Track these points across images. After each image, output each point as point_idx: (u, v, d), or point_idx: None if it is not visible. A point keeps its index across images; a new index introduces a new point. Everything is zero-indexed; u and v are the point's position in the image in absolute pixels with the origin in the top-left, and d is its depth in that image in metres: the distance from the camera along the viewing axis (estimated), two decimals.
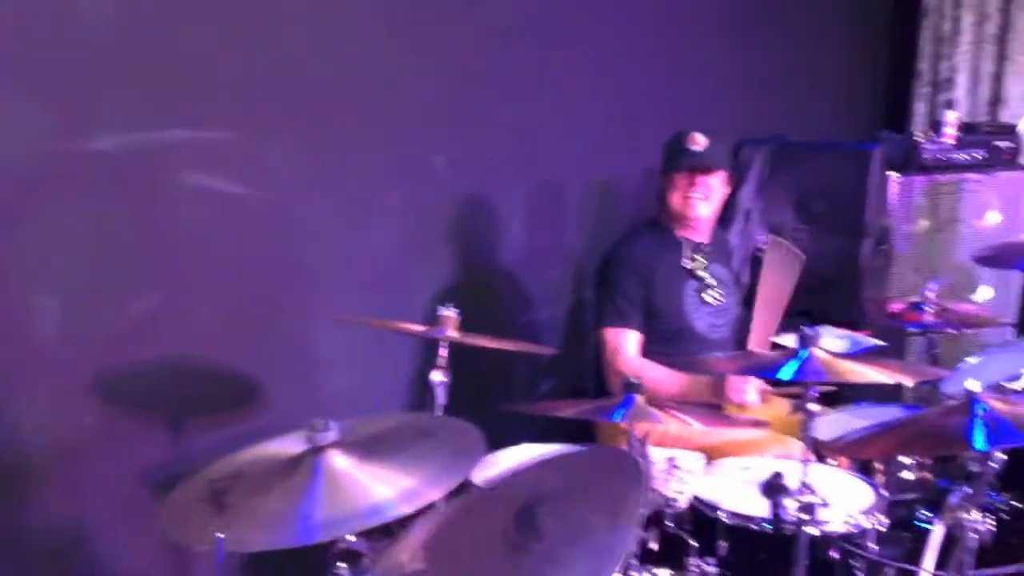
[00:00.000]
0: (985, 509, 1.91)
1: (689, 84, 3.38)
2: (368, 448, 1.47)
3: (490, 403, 2.11)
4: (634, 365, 2.46)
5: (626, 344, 2.52)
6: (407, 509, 1.32)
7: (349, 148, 2.45)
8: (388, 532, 1.42)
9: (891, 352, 2.80)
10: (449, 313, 2.14)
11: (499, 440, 2.07)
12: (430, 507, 1.35)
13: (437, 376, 2.09)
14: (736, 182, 2.84)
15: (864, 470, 2.22)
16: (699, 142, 2.52)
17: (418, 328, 2.19)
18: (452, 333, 2.11)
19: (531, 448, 2.20)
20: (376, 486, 1.37)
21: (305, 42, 2.31)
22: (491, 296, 2.95)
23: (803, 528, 1.84)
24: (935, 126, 3.59)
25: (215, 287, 2.22)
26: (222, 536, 1.26)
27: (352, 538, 1.58)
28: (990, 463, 1.88)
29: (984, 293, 3.45)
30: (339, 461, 1.43)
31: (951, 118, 3.51)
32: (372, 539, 1.56)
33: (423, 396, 2.18)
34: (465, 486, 1.65)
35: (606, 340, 2.54)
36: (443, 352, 2.10)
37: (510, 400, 2.79)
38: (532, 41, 2.89)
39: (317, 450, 1.43)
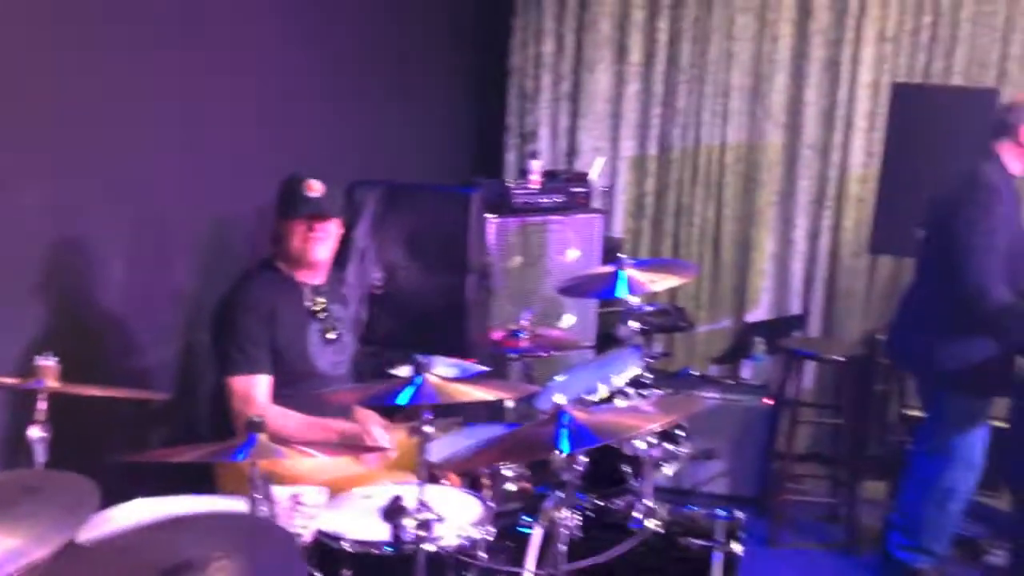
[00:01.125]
0: (574, 508, 2.19)
1: (304, 126, 3.44)
2: None
3: (99, 456, 1.98)
4: (271, 414, 2.44)
5: (257, 390, 2.50)
6: (9, 569, 1.21)
7: None
8: None
9: (495, 376, 3.07)
10: (47, 363, 1.98)
11: (113, 495, 1.95)
12: (34, 567, 1.25)
13: (35, 432, 1.92)
14: (350, 223, 2.94)
15: (473, 486, 2.41)
16: (316, 188, 2.57)
17: (10, 381, 2.00)
18: (52, 383, 1.96)
19: (147, 503, 2.10)
20: None
21: None
22: (95, 342, 2.74)
23: (421, 546, 1.97)
24: (523, 173, 4.02)
25: None
26: None
27: None
28: (575, 466, 2.15)
29: (568, 320, 3.92)
30: None
31: (535, 167, 3.95)
32: None
33: (19, 455, 1.99)
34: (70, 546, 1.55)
35: (235, 389, 2.49)
36: (42, 405, 1.93)
37: (122, 451, 2.62)
38: (126, 71, 2.75)
39: None
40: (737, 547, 2.24)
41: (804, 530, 3.91)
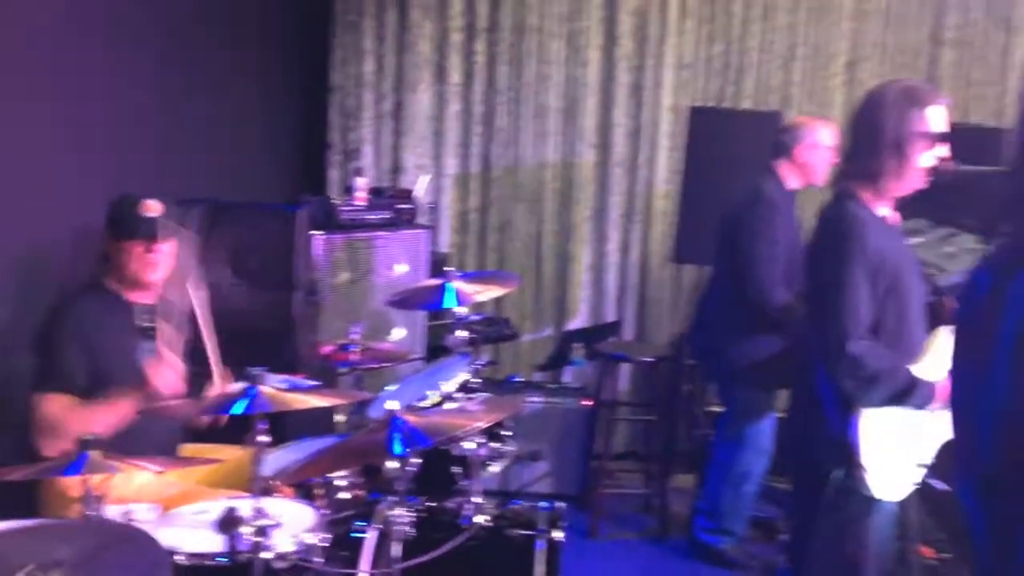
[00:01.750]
0: (407, 510, 2.30)
1: (123, 147, 3.37)
2: None
3: None
4: (68, 419, 2.38)
5: (57, 408, 2.45)
6: None
7: None
8: None
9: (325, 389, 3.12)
10: None
11: None
12: None
13: None
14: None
15: (307, 496, 2.48)
16: (153, 209, 2.55)
17: None
18: None
19: None
20: None
21: None
22: None
23: (258, 554, 2.02)
24: (348, 190, 4.09)
25: None
26: None
27: None
28: (407, 468, 2.27)
29: (398, 333, 4.02)
30: None
31: (361, 183, 4.03)
32: None
33: None
34: None
35: (42, 405, 2.44)
36: None
37: None
38: None
39: None
40: (558, 534, 2.41)
41: (621, 521, 4.19)
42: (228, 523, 2.05)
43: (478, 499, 2.49)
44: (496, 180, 5.05)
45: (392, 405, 2.19)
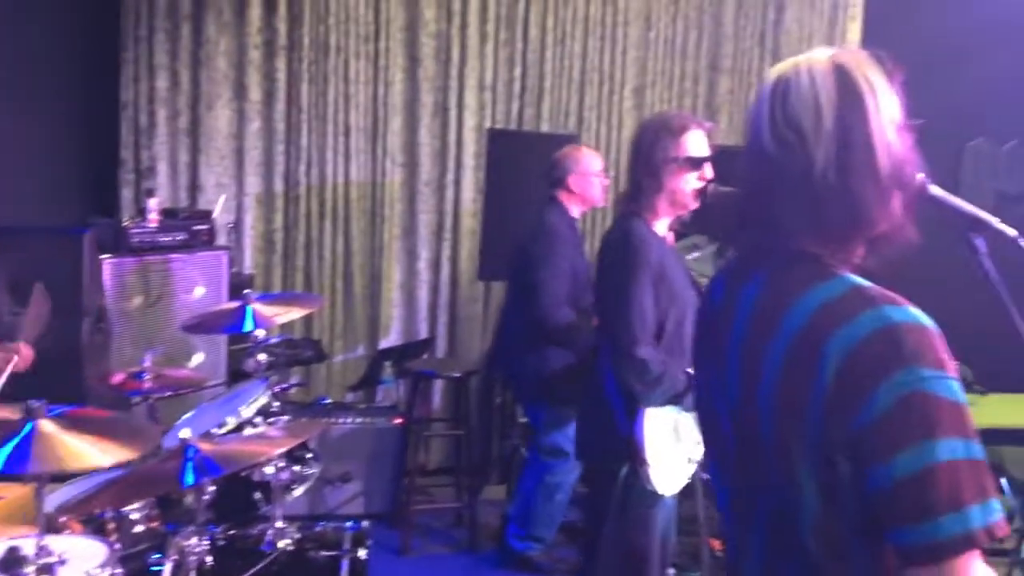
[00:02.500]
0: (205, 539, 2.24)
1: None
2: None
3: None
4: None
5: None
6: None
7: None
8: None
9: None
10: None
11: None
12: None
13: None
14: None
15: (98, 531, 2.36)
16: None
17: None
18: None
19: None
20: None
21: None
22: None
23: None
24: (141, 212, 3.92)
25: None
26: None
27: None
28: (203, 497, 2.22)
29: (197, 359, 3.88)
30: None
31: (153, 204, 3.87)
32: None
33: None
34: None
35: None
36: None
37: None
38: None
39: None
40: (363, 553, 2.43)
41: (433, 536, 4.23)
42: (9, 563, 1.93)
43: (280, 524, 2.46)
44: (301, 199, 4.98)
45: (185, 434, 2.13)
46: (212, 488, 2.22)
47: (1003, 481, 3.90)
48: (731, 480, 1.40)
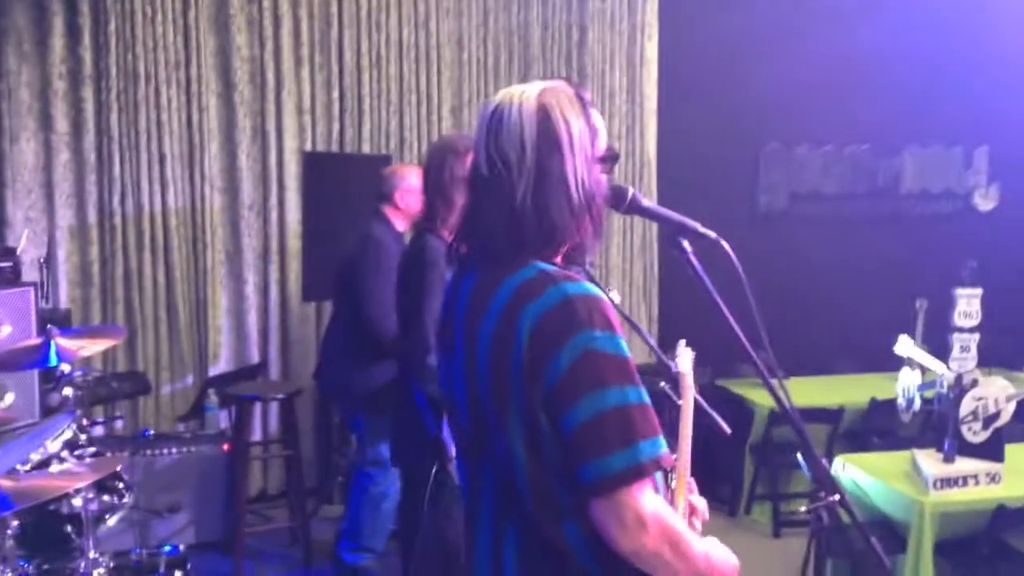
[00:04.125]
0: (18, 575, 2.23)
1: None
2: None
3: None
4: None
5: None
6: None
7: None
8: None
9: None
10: None
11: None
12: None
13: None
14: None
15: None
16: None
17: None
18: None
19: None
20: None
21: None
22: None
23: None
24: None
25: None
26: None
27: None
28: (6, 532, 2.21)
29: (9, 398, 3.76)
30: None
31: None
32: None
33: None
34: None
35: None
36: None
37: None
38: None
39: None
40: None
41: (267, 559, 4.25)
42: None
43: (93, 554, 2.46)
44: (117, 229, 4.89)
45: None
46: (15, 523, 2.21)
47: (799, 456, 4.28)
48: (466, 454, 1.58)
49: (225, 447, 4.23)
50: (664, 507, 1.41)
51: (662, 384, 2.14)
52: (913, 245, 5.97)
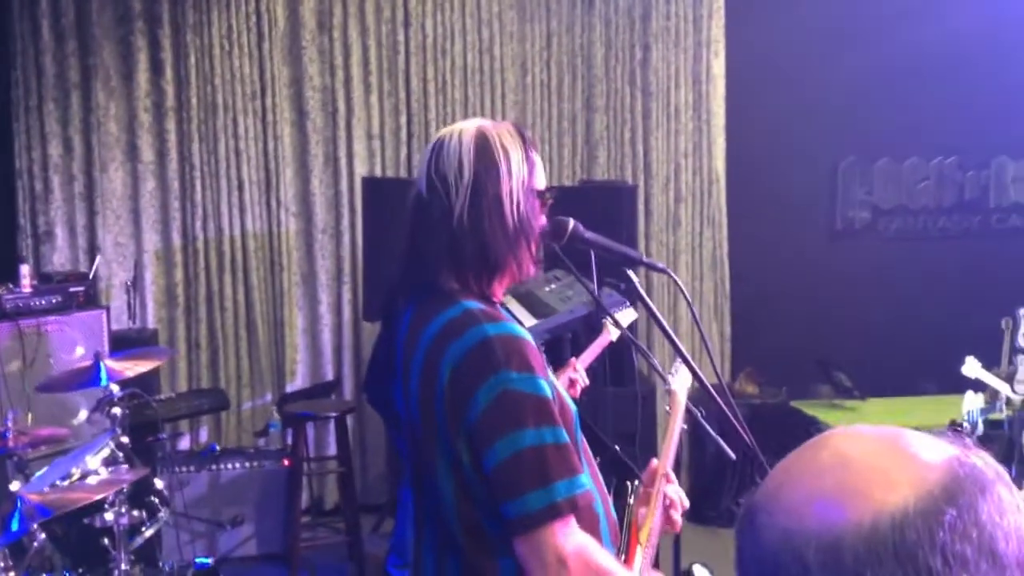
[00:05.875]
0: None
1: None
2: None
3: None
4: None
5: None
6: None
7: None
8: None
9: None
10: None
11: None
12: None
13: None
14: None
15: None
16: None
17: None
18: None
19: None
20: None
21: None
22: None
23: None
24: (14, 278, 4.07)
25: None
26: None
27: None
28: (35, 544, 2.38)
29: (82, 415, 4.01)
30: None
31: (25, 270, 4.03)
32: None
33: None
34: None
35: None
36: None
37: None
38: None
39: None
40: None
41: (324, 572, 4.38)
42: None
43: (125, 566, 2.62)
44: (199, 253, 5.16)
45: (14, 486, 2.30)
46: (41, 535, 2.38)
47: None
48: (411, 481, 1.63)
49: (285, 462, 4.40)
50: (590, 543, 1.42)
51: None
52: (1001, 261, 5.66)
